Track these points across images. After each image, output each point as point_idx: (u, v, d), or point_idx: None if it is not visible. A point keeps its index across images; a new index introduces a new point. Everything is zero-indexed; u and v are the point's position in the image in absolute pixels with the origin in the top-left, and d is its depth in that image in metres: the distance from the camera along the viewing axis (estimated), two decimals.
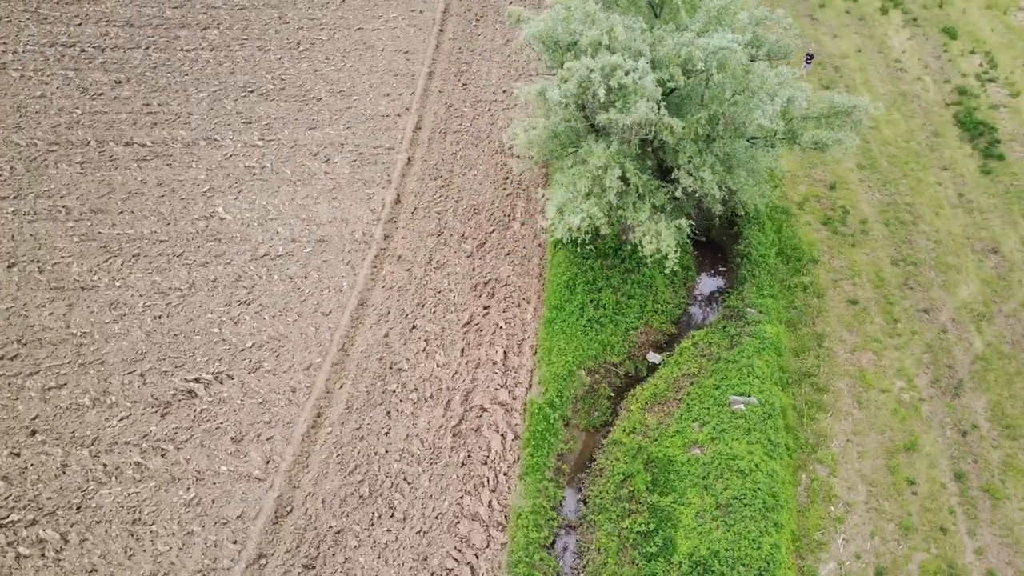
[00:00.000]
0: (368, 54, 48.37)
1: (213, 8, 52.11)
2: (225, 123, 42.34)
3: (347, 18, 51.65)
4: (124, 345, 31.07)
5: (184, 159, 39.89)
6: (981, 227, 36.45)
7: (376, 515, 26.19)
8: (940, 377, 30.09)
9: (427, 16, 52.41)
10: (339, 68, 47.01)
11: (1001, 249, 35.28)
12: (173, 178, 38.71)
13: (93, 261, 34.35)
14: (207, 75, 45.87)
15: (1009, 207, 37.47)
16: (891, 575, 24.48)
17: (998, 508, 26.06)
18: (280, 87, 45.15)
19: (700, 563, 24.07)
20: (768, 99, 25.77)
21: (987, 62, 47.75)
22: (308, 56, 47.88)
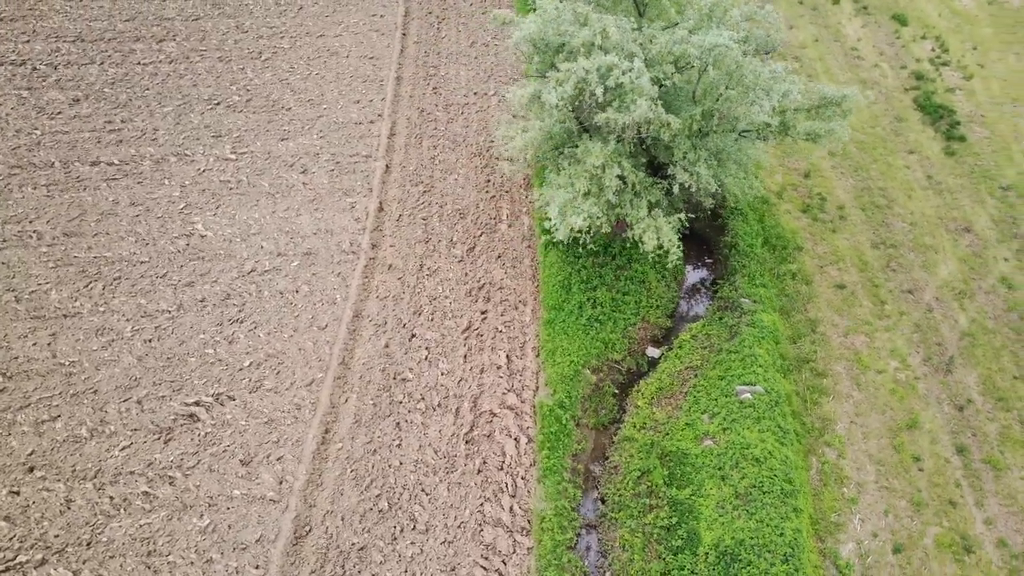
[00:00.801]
0: (333, 61, 47.71)
1: (166, 19, 50.80)
2: (194, 137, 41.30)
3: (307, 25, 50.86)
4: (116, 372, 30.11)
5: (156, 176, 38.80)
6: (952, 207, 37.69)
7: (398, 528, 25.91)
8: (931, 355, 31.04)
9: (388, 20, 51.93)
10: (305, 76, 46.25)
11: (973, 228, 36.54)
12: (146, 196, 37.63)
13: (72, 287, 33.20)
14: (169, 89, 44.67)
15: (976, 187, 38.82)
16: (908, 551, 25.18)
17: (1001, 479, 27.03)
18: (247, 98, 44.23)
19: (727, 553, 24.41)
20: (764, 94, 26.23)
21: (938, 47, 49.34)
22: (272, 65, 47.00)
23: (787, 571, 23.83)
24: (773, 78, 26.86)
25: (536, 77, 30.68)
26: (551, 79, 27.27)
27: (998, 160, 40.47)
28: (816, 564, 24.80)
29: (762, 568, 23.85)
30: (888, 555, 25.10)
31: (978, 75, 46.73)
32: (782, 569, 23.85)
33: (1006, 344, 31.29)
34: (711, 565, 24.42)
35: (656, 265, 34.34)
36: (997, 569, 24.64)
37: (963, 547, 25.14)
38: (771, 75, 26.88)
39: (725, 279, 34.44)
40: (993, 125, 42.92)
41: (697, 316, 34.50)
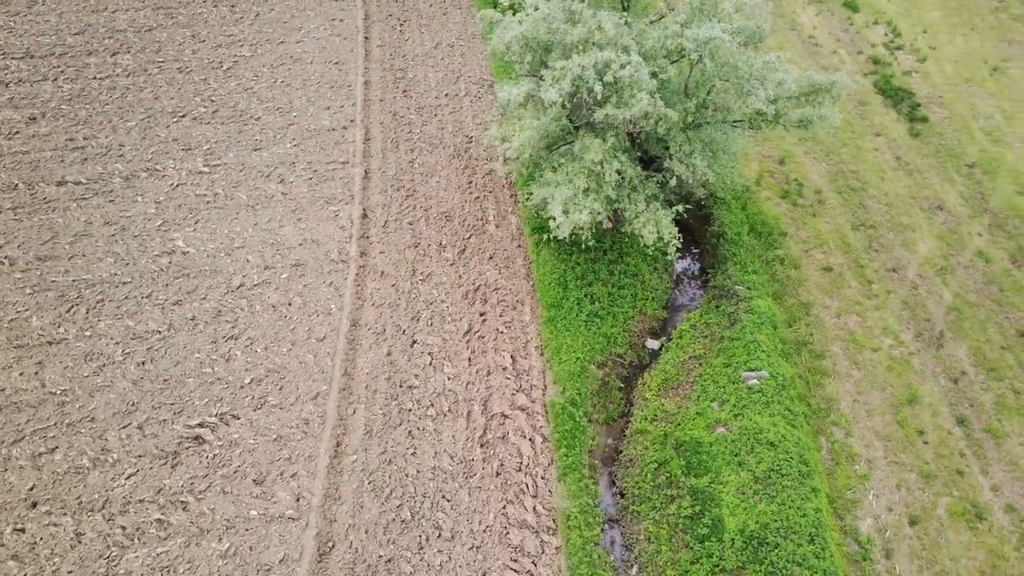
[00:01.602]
0: (297, 68, 46.88)
1: (118, 31, 49.25)
2: (163, 152, 40.13)
3: (266, 32, 49.87)
4: (112, 398, 29.11)
5: (127, 194, 37.59)
6: (923, 186, 38.89)
7: (424, 537, 25.64)
8: (922, 331, 32.00)
9: (349, 24, 51.25)
10: (271, 85, 45.34)
11: (945, 205, 37.77)
12: (120, 215, 36.42)
13: (54, 312, 31.96)
14: (129, 103, 43.31)
15: (943, 165, 40.13)
16: (923, 522, 25.93)
17: (1002, 446, 28.02)
18: (213, 109, 43.14)
19: (753, 537, 24.79)
20: (760, 84, 26.66)
21: (891, 31, 50.85)
22: (235, 74, 45.95)
23: (814, 551, 24.30)
24: (766, 67, 27.31)
25: (526, 76, 30.57)
26: (547, 77, 27.23)
27: (960, 139, 41.90)
28: (838, 542, 25.36)
29: (790, 550, 24.28)
30: (905, 528, 25.80)
31: (931, 57, 48.29)
32: (809, 549, 24.32)
33: (990, 316, 32.42)
34: (739, 550, 24.76)
35: (648, 258, 34.68)
36: (1008, 533, 25.54)
37: (975, 514, 25.99)
38: (764, 65, 27.33)
39: (716, 268, 34.92)
40: (951, 105, 44.41)
41: (692, 306, 34.90)
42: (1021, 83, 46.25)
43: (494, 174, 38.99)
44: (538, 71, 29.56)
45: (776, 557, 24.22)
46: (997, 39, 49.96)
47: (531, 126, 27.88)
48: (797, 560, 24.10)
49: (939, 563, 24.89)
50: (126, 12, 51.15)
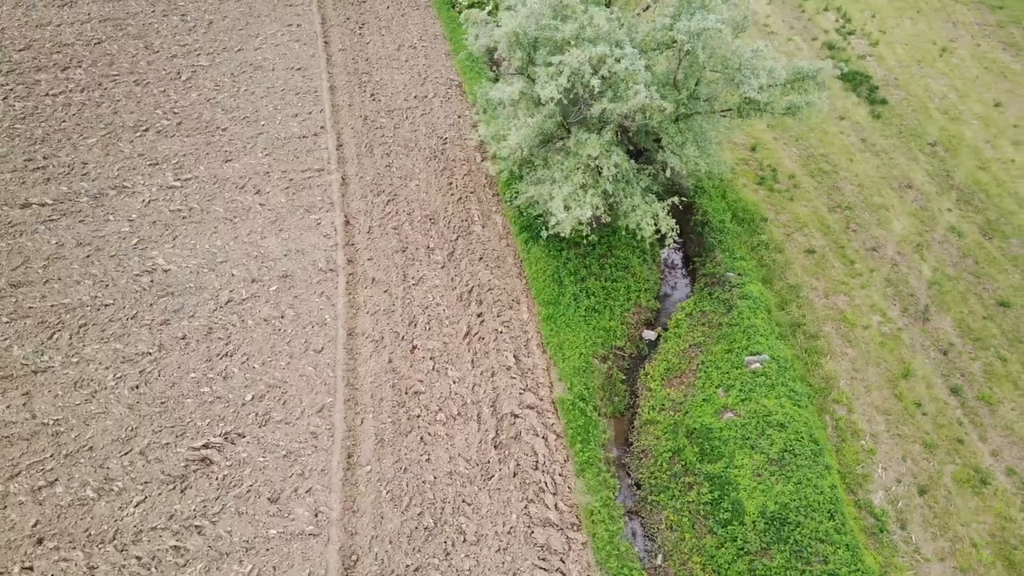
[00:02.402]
0: (259, 75, 45.94)
1: (65, 45, 47.60)
2: (129, 167, 38.89)
3: (222, 40, 48.73)
4: (108, 425, 28.11)
5: (97, 213, 36.31)
6: (891, 166, 40.09)
7: (449, 543, 25.42)
8: (907, 306, 32.99)
9: (306, 29, 50.43)
10: (234, 94, 44.32)
11: (914, 183, 39.01)
12: (93, 235, 35.18)
13: (35, 340, 30.71)
14: (87, 119, 41.86)
15: (907, 145, 41.44)
16: (932, 491, 26.76)
17: (996, 412, 29.09)
18: (177, 121, 41.97)
19: (775, 518, 25.23)
20: (751, 73, 27.11)
21: (841, 17, 52.29)
22: (195, 85, 44.79)
23: (835, 526, 24.86)
24: (756, 56, 27.78)
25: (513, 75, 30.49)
26: (542, 73, 27.19)
27: (919, 118, 43.30)
28: (855, 516, 25.98)
29: (811, 528, 24.78)
30: (915, 497, 26.59)
31: (883, 41, 49.81)
32: (830, 525, 24.87)
33: (969, 288, 33.61)
34: (761, 532, 25.18)
35: (636, 250, 35.01)
36: (1012, 496, 26.54)
37: (979, 480, 26.93)
38: (754, 54, 27.80)
39: (703, 256, 35.40)
40: (907, 86, 45.87)
41: (681, 295, 35.34)
42: (969, 62, 48.03)
43: (478, 175, 38.85)
44: (526, 69, 29.48)
45: (799, 535, 24.71)
46: (942, 21, 51.78)
47: (527, 124, 27.80)
48: (820, 537, 24.62)
49: (951, 529, 25.73)
50: (71, 25, 49.45)
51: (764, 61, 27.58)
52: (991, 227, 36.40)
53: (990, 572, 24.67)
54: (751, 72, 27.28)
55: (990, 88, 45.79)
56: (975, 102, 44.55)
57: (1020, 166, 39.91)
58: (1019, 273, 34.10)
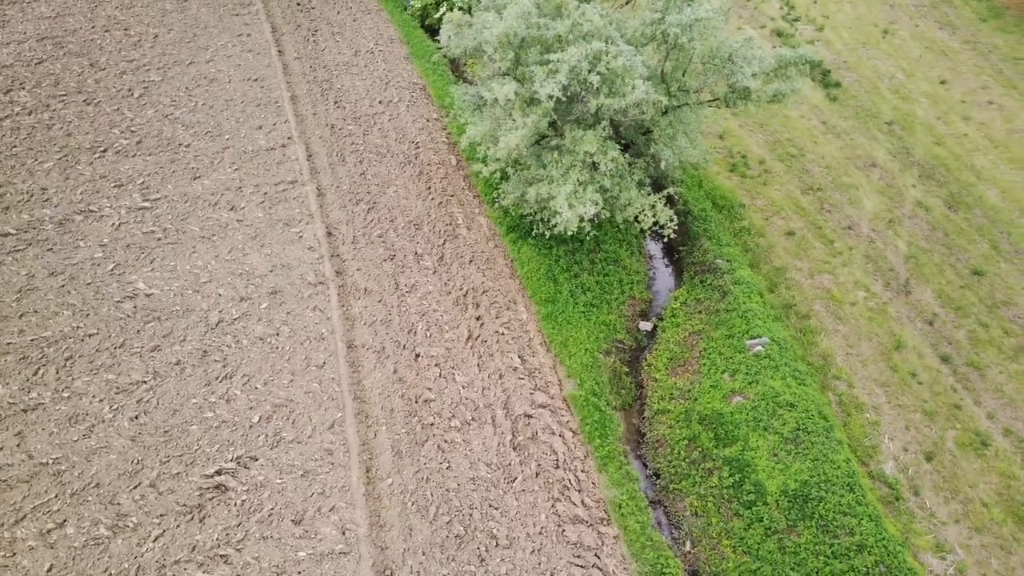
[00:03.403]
0: (215, 88, 44.71)
1: (4, 67, 45.56)
2: (92, 190, 37.41)
3: (171, 53, 47.24)
4: (112, 459, 27.04)
5: (66, 240, 34.84)
6: (853, 147, 41.44)
7: (482, 548, 25.30)
8: (889, 280, 34.18)
9: (257, 39, 49.28)
10: (192, 109, 43.04)
11: (877, 162, 40.41)
12: (64, 263, 33.76)
13: (20, 377, 29.33)
14: (40, 142, 40.10)
15: (865, 126, 42.91)
16: (938, 456, 27.84)
17: (986, 376, 30.40)
18: (136, 140, 40.54)
19: (798, 495, 25.88)
20: (744, 62, 27.68)
21: (785, 4, 53.77)
22: (150, 101, 43.33)
23: (855, 499, 25.65)
24: (747, 45, 28.37)
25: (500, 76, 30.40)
26: (538, 72, 27.20)
27: (873, 99, 44.86)
28: (870, 487, 26.83)
29: (833, 502, 25.51)
30: (923, 464, 27.62)
31: (827, 26, 51.40)
32: (850, 498, 25.65)
33: (944, 259, 35.02)
34: (786, 510, 25.80)
35: (624, 243, 35.40)
36: (1012, 455, 27.81)
37: (980, 442, 28.12)
38: (745, 42, 28.38)
39: (690, 245, 35.93)
40: (856, 69, 47.46)
41: (671, 284, 35.85)
42: (910, 43, 49.97)
43: (455, 177, 38.67)
44: (515, 70, 29.44)
45: (823, 510, 25.40)
46: (880, 4, 53.74)
47: (524, 124, 27.75)
48: (843, 510, 25.36)
49: (961, 491, 26.81)
50: (7, 46, 47.30)
51: (755, 50, 28.17)
52: (955, 200, 37.99)
53: (1002, 529, 25.81)
54: (744, 61, 27.83)
55: (933, 66, 47.73)
56: (922, 81, 46.39)
57: (973, 140, 41.74)
58: (987, 243, 35.68)
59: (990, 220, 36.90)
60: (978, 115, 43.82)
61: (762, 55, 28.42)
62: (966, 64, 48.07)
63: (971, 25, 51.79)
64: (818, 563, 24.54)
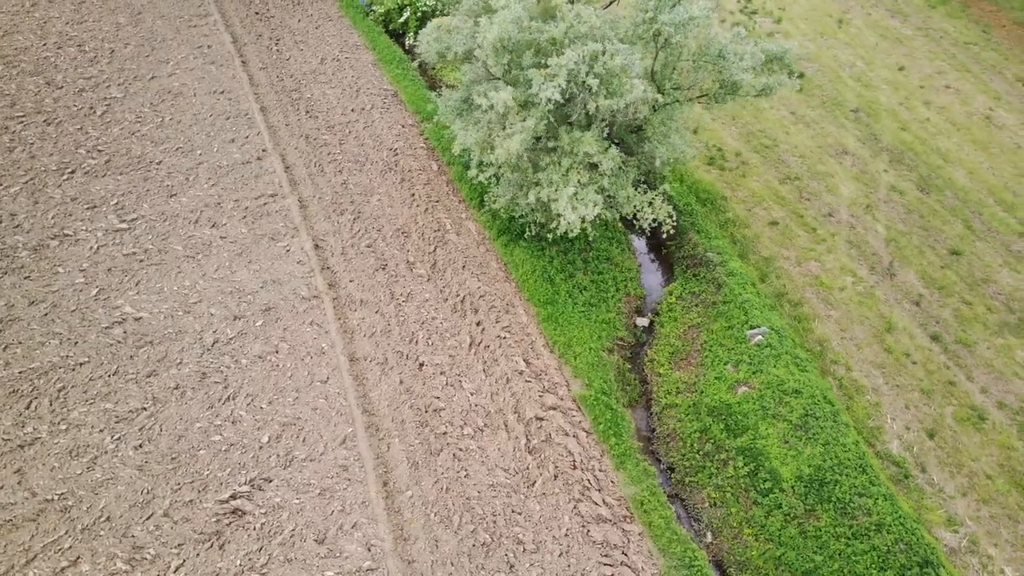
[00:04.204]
0: (181, 102, 43.62)
1: None
2: (65, 214, 36.16)
3: (130, 69, 45.89)
4: (121, 490, 26.23)
5: (42, 266, 33.63)
6: (824, 135, 42.46)
7: (511, 555, 25.26)
8: (873, 264, 35.12)
9: (218, 50, 48.21)
10: (159, 125, 41.89)
11: (848, 149, 41.48)
12: (44, 291, 32.57)
13: (11, 412, 28.23)
14: (3, 166, 38.58)
15: (833, 114, 43.98)
16: (939, 433, 28.74)
17: (975, 352, 31.48)
18: (104, 159, 39.30)
19: (813, 479, 26.46)
20: (737, 58, 28.13)
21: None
22: (114, 119, 42.04)
23: (868, 480, 26.33)
24: (736, 40, 28.82)
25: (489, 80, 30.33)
26: (536, 76, 27.18)
27: (837, 88, 46.01)
28: (880, 467, 27.56)
29: (848, 484, 26.16)
30: (927, 441, 28.49)
31: (785, 18, 52.49)
32: (863, 479, 26.32)
33: (923, 241, 36.13)
34: (803, 495, 26.36)
35: (613, 241, 35.66)
36: (1008, 427, 28.87)
37: (977, 417, 29.12)
38: (735, 37, 28.83)
39: (678, 239, 36.30)
40: (818, 59, 48.59)
41: (663, 279, 36.24)
42: (866, 31, 51.38)
43: (438, 183, 38.48)
44: (508, 74, 29.38)
45: (840, 493, 26.02)
46: None
47: (524, 128, 27.71)
48: (858, 492, 26.02)
49: (965, 466, 27.73)
50: None
51: (745, 46, 28.64)
52: (925, 183, 39.21)
53: (1008, 499, 26.78)
54: (736, 56, 28.27)
55: (890, 54, 49.16)
56: (881, 68, 47.74)
57: (935, 124, 43.13)
58: (960, 223, 36.93)
59: (961, 201, 38.19)
60: (937, 99, 45.29)
61: (753, 50, 28.90)
62: (920, 50, 49.62)
63: (921, 12, 53.48)
64: (839, 545, 25.12)
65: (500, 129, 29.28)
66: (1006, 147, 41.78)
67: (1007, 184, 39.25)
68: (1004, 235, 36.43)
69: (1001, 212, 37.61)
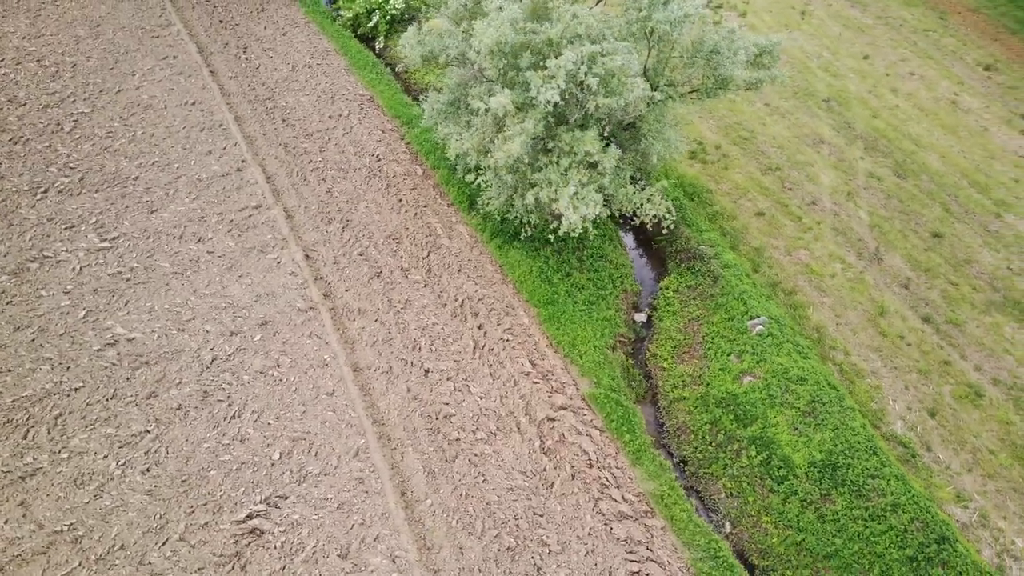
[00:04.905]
0: (152, 115, 42.56)
1: None
2: (42, 235, 35.03)
3: (94, 82, 44.62)
4: (132, 517, 25.52)
5: (25, 291, 32.54)
6: (800, 126, 43.22)
7: (537, 557, 25.22)
8: (861, 250, 35.87)
9: (184, 60, 47.14)
10: (131, 139, 40.81)
11: (824, 138, 42.29)
12: (29, 316, 31.52)
13: (8, 443, 27.28)
14: None
15: (806, 104, 44.80)
16: (940, 412, 29.48)
17: (965, 331, 32.37)
18: (78, 177, 38.16)
19: (826, 464, 26.94)
20: (731, 53, 28.46)
21: None
22: (84, 135, 40.84)
23: (879, 461, 26.89)
24: (731, 36, 29.14)
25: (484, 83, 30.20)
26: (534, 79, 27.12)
27: (807, 79, 46.87)
28: (888, 448, 28.17)
29: (860, 467, 26.69)
30: (929, 420, 29.19)
31: (749, 11, 53.28)
32: (874, 461, 26.88)
33: (905, 226, 37.01)
34: (817, 480, 26.81)
35: (605, 237, 35.82)
36: (1004, 402, 29.74)
37: (974, 394, 29.94)
38: (729, 33, 29.16)
39: (669, 234, 36.55)
40: (786, 50, 49.38)
41: (655, 274, 36.52)
42: (829, 22, 52.44)
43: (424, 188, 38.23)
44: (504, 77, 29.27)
45: (853, 476, 26.54)
46: None
47: (522, 130, 27.62)
48: (870, 474, 26.56)
49: (968, 442, 28.50)
50: None
51: (739, 41, 28.99)
52: (901, 168, 40.18)
53: (1012, 472, 27.60)
54: (731, 52, 28.59)
55: (854, 43, 50.26)
56: (846, 57, 48.77)
57: (904, 110, 44.23)
58: (939, 206, 37.93)
59: (937, 185, 39.22)
60: (903, 86, 46.44)
61: (747, 46, 29.27)
62: (882, 39, 50.82)
63: (879, 1, 54.77)
64: (858, 527, 25.61)
65: (496, 132, 29.17)
66: (973, 130, 43.02)
67: (978, 166, 40.42)
68: (981, 216, 37.52)
69: (976, 194, 38.71)
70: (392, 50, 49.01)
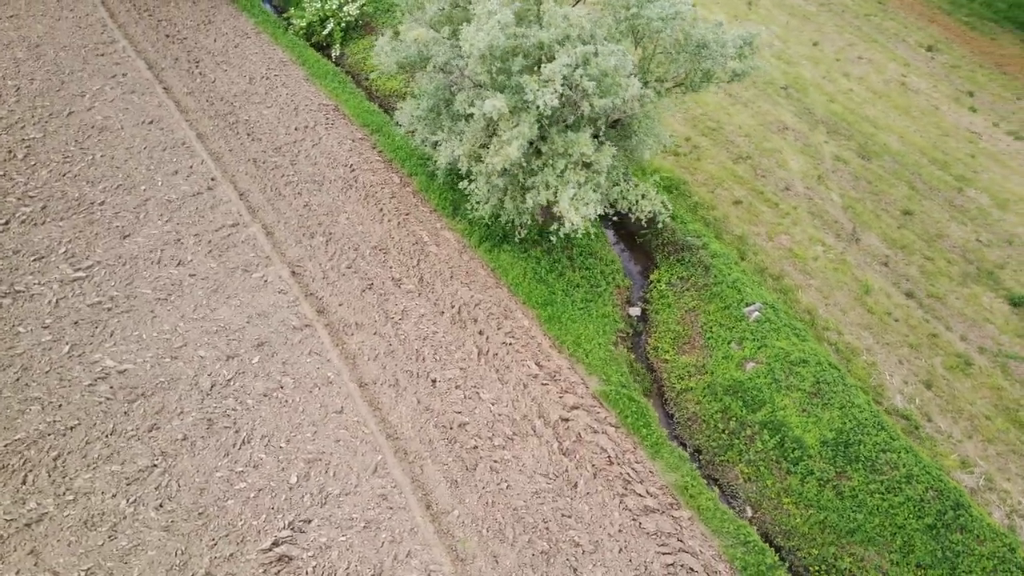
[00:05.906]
0: (109, 137, 40.99)
1: None
2: (10, 268, 33.41)
3: (43, 106, 42.72)
4: (153, 555, 24.61)
5: (1, 328, 30.99)
6: (763, 114, 44.23)
7: (572, 558, 25.27)
8: (838, 232, 36.93)
9: (135, 78, 45.51)
10: (91, 163, 39.23)
11: (788, 124, 43.40)
12: (10, 355, 30.06)
13: (8, 489, 25.98)
14: None
15: (765, 93, 45.87)
16: (935, 384, 30.62)
17: (946, 303, 33.66)
18: (40, 205, 36.51)
19: (838, 443, 27.71)
20: (719, 47, 28.92)
21: None
22: (40, 161, 39.08)
23: (887, 436, 27.79)
24: (716, 30, 29.59)
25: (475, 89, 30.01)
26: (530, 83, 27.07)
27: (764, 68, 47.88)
28: (892, 422, 29.11)
29: (871, 442, 27.53)
30: (925, 392, 30.29)
31: (699, 3, 54.12)
32: (883, 435, 27.77)
33: (876, 206, 38.26)
34: (831, 459, 27.56)
35: (591, 235, 36.04)
36: (992, 368, 31.06)
37: (964, 363, 31.18)
38: (714, 28, 29.60)
39: (655, 227, 36.88)
40: None
41: (642, 268, 36.91)
42: (775, 11, 53.79)
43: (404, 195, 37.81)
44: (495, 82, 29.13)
45: (865, 452, 27.36)
46: None
47: (518, 134, 27.55)
48: (881, 448, 27.43)
49: (965, 410, 29.67)
50: None
51: (726, 35, 29.47)
52: (864, 150, 41.52)
53: (1009, 436, 28.86)
54: (719, 46, 29.05)
55: (802, 30, 51.67)
56: (797, 44, 50.12)
57: (859, 94, 45.71)
58: (904, 185, 39.33)
59: (899, 164, 40.65)
60: (854, 70, 47.98)
61: (734, 40, 29.78)
62: (828, 25, 52.40)
63: None
64: (876, 500, 26.42)
65: (488, 137, 29.06)
66: (925, 109, 44.74)
67: (935, 144, 42.06)
68: (945, 192, 39.06)
69: (937, 171, 40.27)
70: (350, 58, 48.29)
